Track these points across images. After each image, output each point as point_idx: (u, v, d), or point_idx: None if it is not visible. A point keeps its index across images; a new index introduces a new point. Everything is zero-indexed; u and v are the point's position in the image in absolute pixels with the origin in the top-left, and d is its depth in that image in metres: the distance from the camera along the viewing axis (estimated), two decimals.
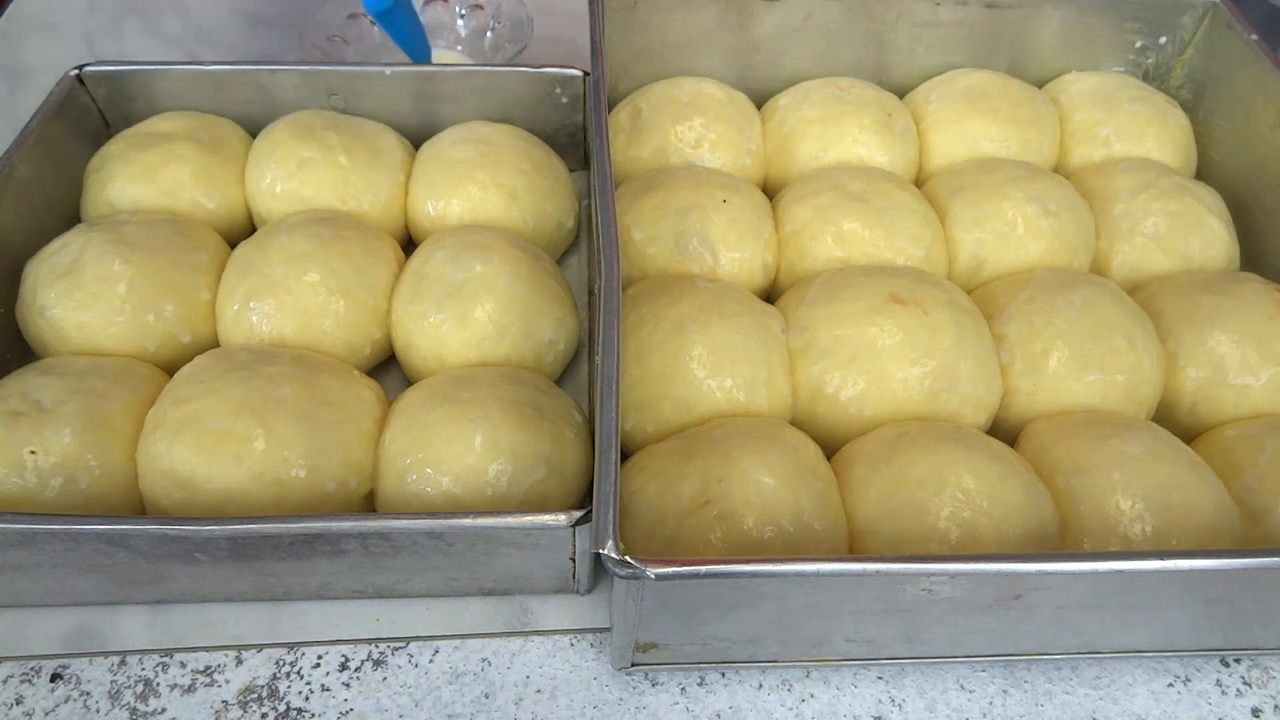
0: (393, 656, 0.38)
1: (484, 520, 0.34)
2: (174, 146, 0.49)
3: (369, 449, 0.39)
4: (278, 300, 0.43)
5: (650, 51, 0.57)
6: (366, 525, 0.34)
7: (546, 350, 0.44)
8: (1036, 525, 0.36)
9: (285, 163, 0.49)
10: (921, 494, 0.36)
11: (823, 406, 0.41)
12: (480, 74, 0.54)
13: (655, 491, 0.37)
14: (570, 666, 0.38)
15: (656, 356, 0.41)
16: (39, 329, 0.43)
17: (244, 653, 0.38)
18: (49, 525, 0.33)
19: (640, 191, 0.48)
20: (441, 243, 0.46)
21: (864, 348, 0.41)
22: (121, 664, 0.37)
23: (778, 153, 0.54)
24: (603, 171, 0.40)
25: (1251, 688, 0.38)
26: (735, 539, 0.35)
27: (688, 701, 0.37)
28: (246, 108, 0.53)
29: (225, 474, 0.37)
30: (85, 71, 0.51)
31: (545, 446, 0.38)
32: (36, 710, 0.36)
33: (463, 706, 0.36)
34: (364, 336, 0.44)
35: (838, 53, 0.57)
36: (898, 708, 0.37)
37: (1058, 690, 0.38)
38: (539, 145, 0.53)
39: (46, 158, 0.48)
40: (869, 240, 0.47)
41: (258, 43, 0.69)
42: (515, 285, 0.44)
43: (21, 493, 0.36)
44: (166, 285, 0.43)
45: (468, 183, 0.49)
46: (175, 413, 0.38)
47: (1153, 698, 0.38)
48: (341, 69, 0.53)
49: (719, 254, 0.46)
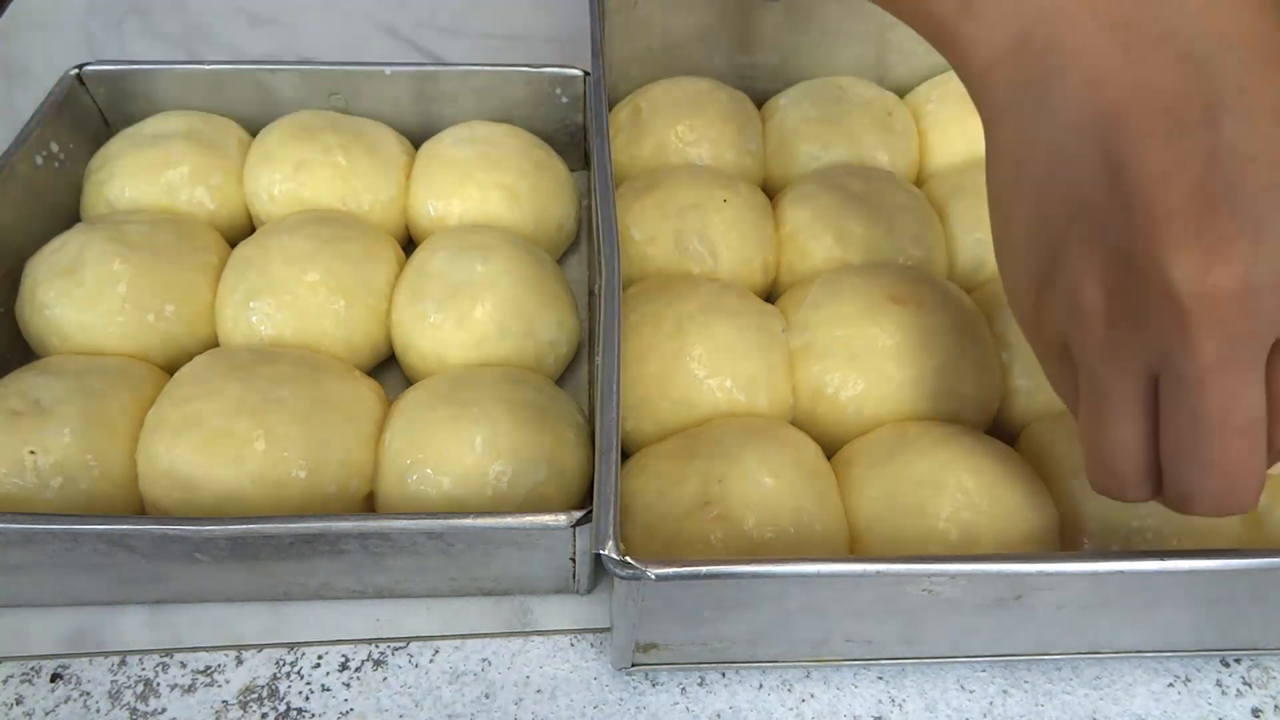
0: (393, 656, 0.38)
1: (484, 520, 0.34)
2: (174, 146, 0.49)
3: (369, 449, 0.39)
4: (278, 300, 0.43)
5: (650, 51, 0.57)
6: (367, 525, 0.34)
7: (547, 351, 0.44)
8: (1036, 525, 0.36)
9: (284, 163, 0.49)
10: (921, 494, 0.36)
11: (823, 407, 0.41)
12: (480, 74, 0.54)
13: (655, 492, 0.37)
14: (570, 666, 0.38)
15: (656, 356, 0.41)
16: (39, 328, 0.43)
17: (244, 653, 0.38)
18: (49, 525, 0.33)
19: (640, 191, 0.48)
20: (442, 243, 0.46)
21: (864, 348, 0.41)
22: (121, 664, 0.37)
23: (778, 153, 0.54)
24: (603, 171, 0.40)
25: (1251, 688, 0.38)
26: (735, 539, 0.35)
27: (688, 701, 0.37)
28: (246, 107, 0.53)
29: (225, 474, 0.37)
30: (85, 71, 0.51)
31: (546, 447, 0.38)
32: (36, 710, 0.36)
33: (463, 706, 0.36)
34: (364, 336, 0.44)
35: (838, 53, 0.57)
36: (898, 708, 0.37)
37: (1058, 690, 0.38)
38: (539, 145, 0.53)
39: (46, 157, 0.48)
40: (869, 240, 0.47)
41: (258, 43, 0.69)
42: (516, 285, 0.44)
43: (21, 493, 0.36)
44: (167, 285, 0.43)
45: (468, 183, 0.49)
46: (175, 413, 0.38)
47: (1153, 698, 0.38)
48: (341, 69, 0.53)
49: (719, 254, 0.46)
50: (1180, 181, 0.24)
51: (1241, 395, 0.25)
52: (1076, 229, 0.27)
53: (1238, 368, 0.25)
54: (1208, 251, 0.24)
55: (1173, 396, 0.26)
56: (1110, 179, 0.26)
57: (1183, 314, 0.24)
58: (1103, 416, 0.28)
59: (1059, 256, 0.28)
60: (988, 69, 0.30)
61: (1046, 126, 0.28)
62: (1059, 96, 0.27)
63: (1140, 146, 0.25)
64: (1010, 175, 0.30)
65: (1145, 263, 0.25)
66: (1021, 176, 0.29)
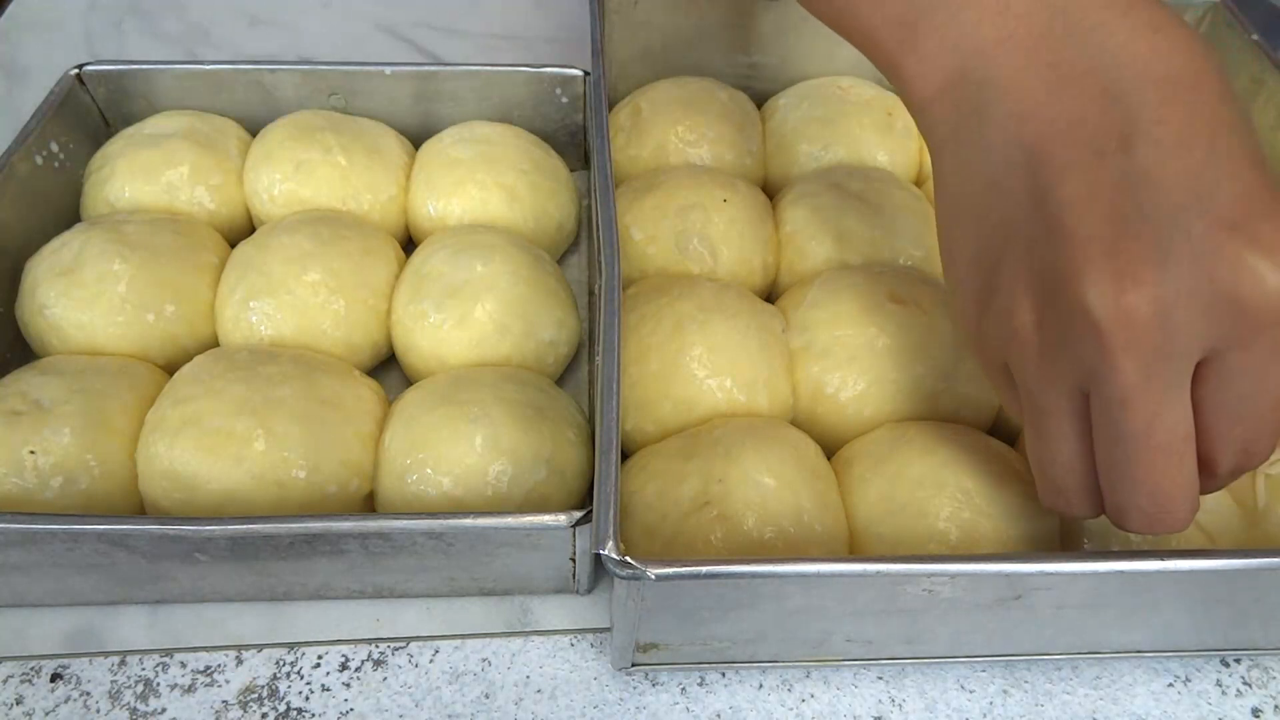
0: (393, 656, 0.38)
1: (484, 520, 0.34)
2: (174, 146, 0.49)
3: (369, 449, 0.39)
4: (278, 300, 0.43)
5: (650, 51, 0.57)
6: (366, 525, 0.34)
7: (547, 350, 0.44)
8: (1036, 525, 0.36)
9: (284, 163, 0.49)
10: (921, 494, 0.36)
11: (823, 407, 0.41)
12: (480, 74, 0.54)
13: (655, 492, 0.37)
14: (570, 666, 0.38)
15: (656, 356, 0.41)
16: (39, 328, 0.43)
17: (244, 653, 0.38)
18: (49, 525, 0.33)
19: (640, 191, 0.48)
20: (442, 243, 0.46)
21: (864, 348, 0.41)
22: (121, 664, 0.37)
23: (778, 153, 0.54)
24: (603, 171, 0.40)
25: (1251, 688, 0.38)
26: (735, 539, 0.35)
27: (688, 701, 0.37)
28: (246, 107, 0.53)
29: (225, 474, 0.37)
30: (85, 71, 0.51)
31: (546, 447, 0.38)
32: (36, 710, 0.36)
33: (463, 706, 0.36)
34: (364, 336, 0.44)
35: (838, 53, 0.57)
36: (898, 708, 0.37)
37: (1058, 690, 0.38)
38: (539, 145, 0.53)
39: (46, 157, 0.48)
40: (869, 240, 0.47)
41: (258, 43, 0.69)
42: (516, 285, 0.44)
43: (21, 493, 0.36)
44: (166, 285, 0.43)
45: (468, 183, 0.49)
46: (175, 413, 0.38)
47: (1153, 698, 0.38)
48: (341, 69, 0.53)
49: (719, 254, 0.46)
50: (1096, 207, 0.26)
51: (1164, 413, 0.26)
52: (1009, 254, 0.28)
53: (1159, 386, 0.26)
54: (1120, 274, 0.25)
55: (1101, 415, 0.27)
56: (1035, 206, 0.27)
57: (1101, 335, 0.25)
58: (1044, 434, 0.29)
59: (994, 280, 0.29)
60: (929, 102, 0.31)
61: (981, 158, 0.29)
62: (991, 130, 0.29)
63: (1061, 175, 0.26)
64: (952, 203, 0.31)
65: (1066, 285, 0.26)
66: (962, 205, 0.30)
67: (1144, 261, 0.25)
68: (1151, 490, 0.27)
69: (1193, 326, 0.25)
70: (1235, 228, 0.25)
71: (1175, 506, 0.27)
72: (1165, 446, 0.26)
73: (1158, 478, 0.27)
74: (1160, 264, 0.25)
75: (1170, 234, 0.25)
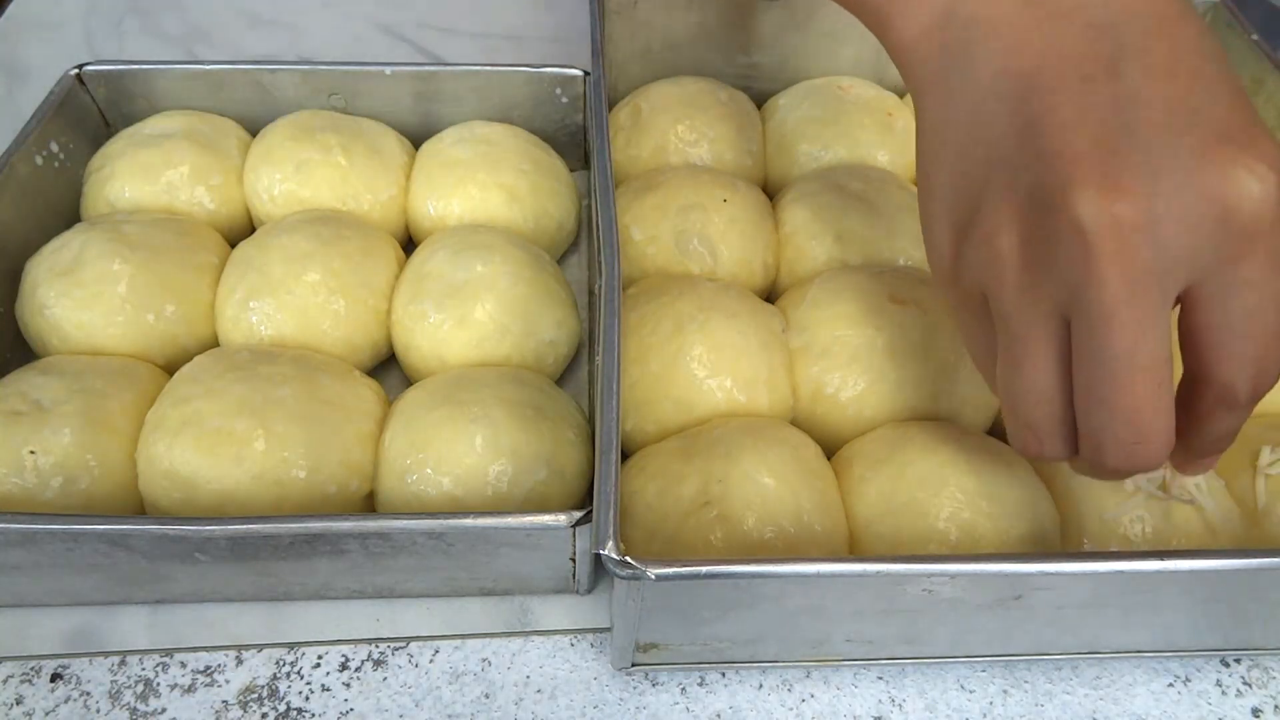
0: (393, 656, 0.38)
1: (484, 521, 0.34)
2: (174, 146, 0.49)
3: (369, 449, 0.39)
4: (278, 300, 0.43)
5: (650, 51, 0.57)
6: (367, 525, 0.34)
7: (547, 350, 0.44)
8: (1036, 525, 0.36)
9: (284, 163, 0.49)
10: (921, 494, 0.36)
11: (823, 407, 0.41)
12: (480, 74, 0.54)
13: (655, 492, 0.37)
14: (570, 666, 0.38)
15: (656, 356, 0.41)
16: (39, 328, 0.43)
17: (244, 653, 0.38)
18: (49, 525, 0.33)
19: (640, 191, 0.48)
20: (442, 243, 0.46)
21: (864, 348, 0.41)
22: (122, 664, 0.37)
23: (778, 153, 0.54)
24: (603, 171, 0.40)
25: (1251, 688, 0.38)
26: (736, 539, 0.35)
27: (688, 701, 0.37)
28: (246, 107, 0.53)
29: (225, 474, 0.37)
30: (85, 71, 0.51)
31: (546, 447, 0.38)
32: (36, 710, 0.36)
33: (463, 706, 0.36)
34: (364, 336, 0.44)
35: (838, 52, 0.57)
36: (898, 708, 0.37)
37: (1058, 690, 0.38)
38: (539, 145, 0.53)
39: (46, 157, 0.48)
40: (869, 240, 0.47)
41: (258, 43, 0.69)
42: (516, 285, 0.44)
43: (21, 493, 0.36)
44: (166, 285, 0.43)
45: (468, 183, 0.49)
46: (175, 413, 0.38)
47: (1153, 698, 0.38)
48: (341, 69, 0.53)
49: (719, 254, 0.46)
50: (1086, 128, 0.26)
51: (1147, 331, 0.26)
52: (994, 181, 0.29)
53: (1143, 302, 0.26)
54: (1111, 188, 0.25)
55: (1082, 336, 0.27)
56: (1024, 131, 0.28)
57: (1088, 246, 0.26)
58: (1019, 365, 0.29)
59: (977, 208, 0.29)
60: (914, 43, 0.32)
61: (968, 92, 0.30)
62: (979, 64, 0.29)
63: (1051, 100, 0.27)
64: (935, 140, 0.31)
65: (1055, 202, 0.26)
66: (945, 140, 0.31)
67: (1133, 175, 0.25)
68: (1130, 415, 0.27)
69: (1180, 240, 0.25)
70: (1222, 142, 0.26)
71: (1153, 434, 0.27)
72: (1146, 368, 0.26)
73: (1138, 401, 0.27)
74: (1149, 177, 0.25)
75: (1159, 150, 0.26)
